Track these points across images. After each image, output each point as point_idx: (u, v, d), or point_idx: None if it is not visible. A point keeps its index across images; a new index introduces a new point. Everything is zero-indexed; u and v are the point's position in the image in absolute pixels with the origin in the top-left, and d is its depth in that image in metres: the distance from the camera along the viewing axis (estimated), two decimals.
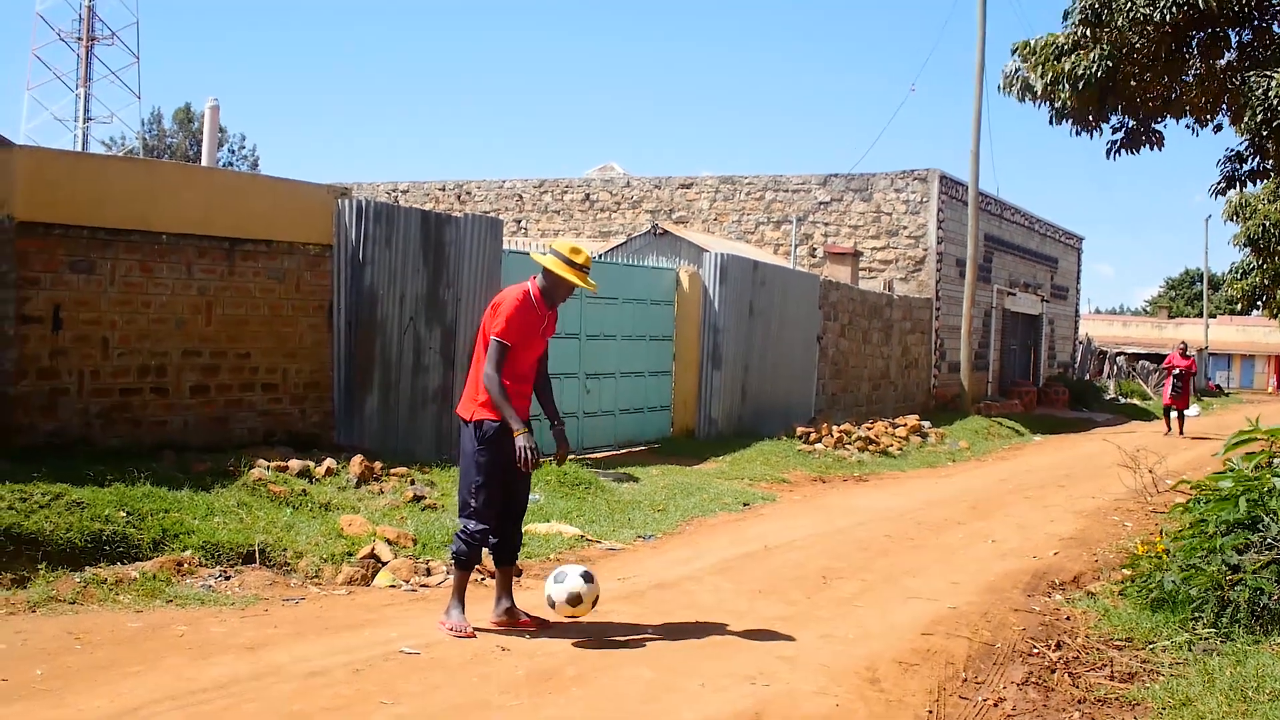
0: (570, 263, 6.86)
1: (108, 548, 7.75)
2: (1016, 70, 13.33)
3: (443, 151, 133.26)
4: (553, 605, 6.82)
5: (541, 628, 6.89)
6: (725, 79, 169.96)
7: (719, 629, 7.17)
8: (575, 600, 6.79)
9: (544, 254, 7.04)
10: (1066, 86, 12.33)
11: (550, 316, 7.03)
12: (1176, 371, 26.14)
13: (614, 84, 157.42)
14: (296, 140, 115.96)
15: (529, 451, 6.57)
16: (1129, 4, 11.61)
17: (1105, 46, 11.93)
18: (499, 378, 6.64)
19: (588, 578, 6.89)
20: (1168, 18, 11.44)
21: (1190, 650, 6.73)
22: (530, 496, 9.94)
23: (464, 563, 6.78)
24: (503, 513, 6.84)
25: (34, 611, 6.75)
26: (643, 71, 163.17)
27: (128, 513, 8.08)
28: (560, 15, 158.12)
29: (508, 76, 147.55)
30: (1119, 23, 11.65)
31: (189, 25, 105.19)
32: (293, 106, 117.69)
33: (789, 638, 7.03)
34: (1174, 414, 26.53)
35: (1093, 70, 11.99)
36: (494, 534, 6.79)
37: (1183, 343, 27.78)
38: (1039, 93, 12.77)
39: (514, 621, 6.88)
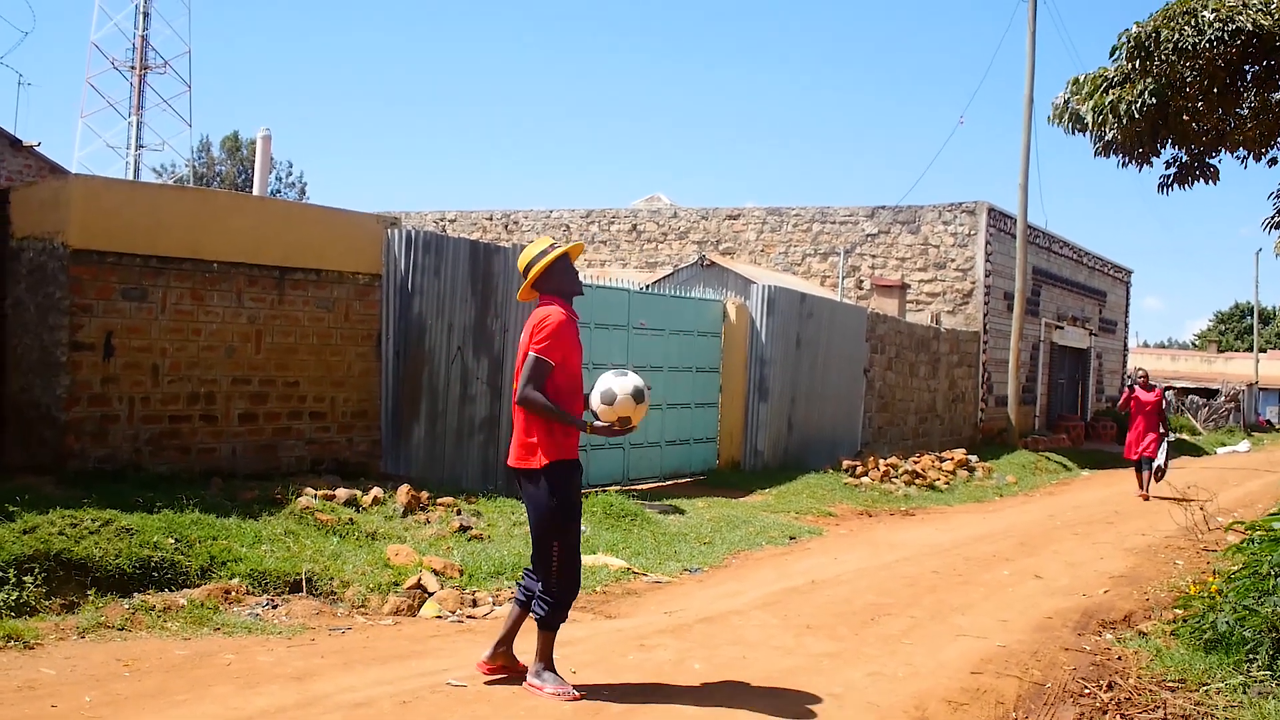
0: (544, 253, 6.21)
1: (156, 574, 7.79)
2: (1066, 102, 13.24)
3: (490, 181, 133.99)
4: (612, 402, 6.12)
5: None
6: (772, 110, 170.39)
7: (766, 665, 7.10)
8: (640, 396, 6.19)
9: (543, 257, 6.23)
10: (1114, 119, 12.25)
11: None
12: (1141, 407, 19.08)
13: (661, 115, 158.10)
14: (344, 168, 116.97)
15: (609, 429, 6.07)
16: (1176, 35, 11.53)
17: (1151, 81, 11.85)
18: (543, 397, 5.96)
19: (639, 396, 6.20)
20: (1219, 49, 11.35)
21: (1245, 693, 6.61)
22: None
23: (553, 627, 6.16)
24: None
25: (83, 637, 6.79)
26: (690, 102, 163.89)
27: (176, 539, 8.12)
28: (607, 47, 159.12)
29: (555, 106, 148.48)
30: (1167, 54, 11.57)
31: (236, 53, 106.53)
32: (340, 135, 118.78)
33: (836, 675, 6.96)
34: (1145, 468, 18.99)
35: (1139, 104, 11.91)
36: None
37: (1141, 371, 19.93)
38: (1088, 125, 12.68)
39: (514, 666, 6.32)
